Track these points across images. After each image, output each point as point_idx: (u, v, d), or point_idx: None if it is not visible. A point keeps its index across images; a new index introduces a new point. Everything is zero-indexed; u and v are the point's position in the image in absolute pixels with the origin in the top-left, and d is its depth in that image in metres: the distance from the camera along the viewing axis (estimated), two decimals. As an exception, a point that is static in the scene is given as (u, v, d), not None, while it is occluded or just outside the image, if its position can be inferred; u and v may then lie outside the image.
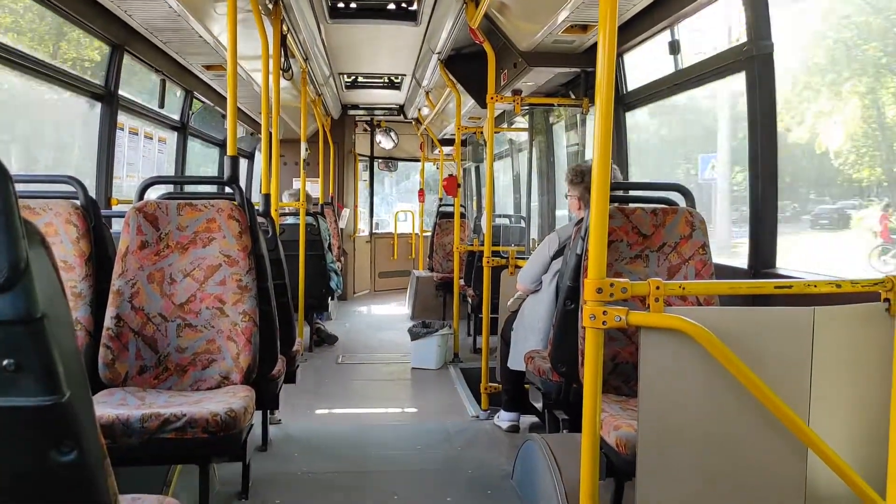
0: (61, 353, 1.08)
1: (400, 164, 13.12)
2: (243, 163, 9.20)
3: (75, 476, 1.15)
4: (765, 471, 1.97)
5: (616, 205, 3.09)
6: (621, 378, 2.94)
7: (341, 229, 10.49)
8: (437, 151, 11.49)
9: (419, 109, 10.23)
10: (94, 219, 3.13)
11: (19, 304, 1.03)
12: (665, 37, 4.29)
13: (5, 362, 1.05)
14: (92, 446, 1.15)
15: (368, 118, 11.82)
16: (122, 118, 4.95)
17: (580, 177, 3.75)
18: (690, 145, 5.76)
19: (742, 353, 1.86)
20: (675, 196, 3.19)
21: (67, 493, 1.19)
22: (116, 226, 4.12)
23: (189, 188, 6.77)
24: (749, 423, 1.94)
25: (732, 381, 1.86)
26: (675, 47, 4.27)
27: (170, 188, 5.47)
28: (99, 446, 1.17)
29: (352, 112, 11.28)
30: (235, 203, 3.18)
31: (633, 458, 2.07)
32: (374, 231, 12.60)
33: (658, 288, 1.92)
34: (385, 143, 12.07)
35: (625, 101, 4.82)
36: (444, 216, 9.84)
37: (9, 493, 1.17)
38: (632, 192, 3.50)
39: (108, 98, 4.64)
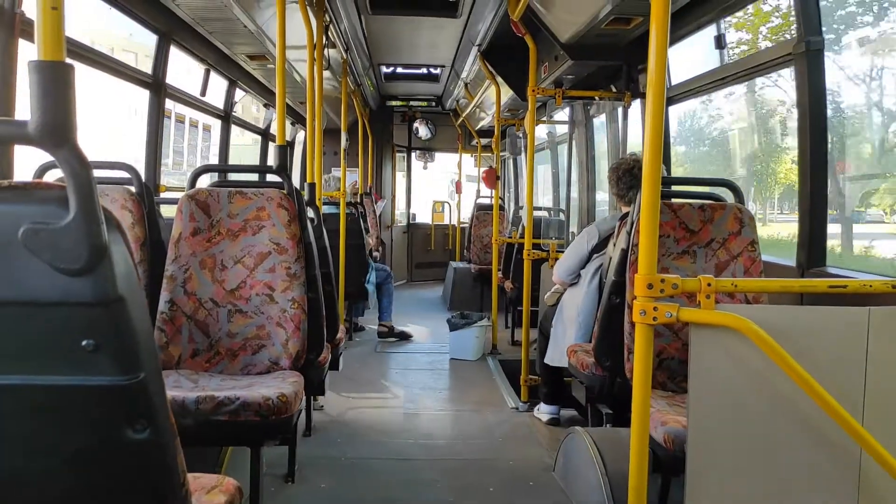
0: (138, 333, 1.12)
1: (437, 155, 13.12)
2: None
3: (148, 453, 1.19)
4: (817, 470, 1.95)
5: (663, 201, 3.06)
6: (667, 374, 2.94)
7: (379, 217, 10.53)
8: (474, 142, 11.48)
9: (457, 101, 10.22)
10: (147, 205, 3.20)
11: (100, 286, 1.07)
12: (711, 31, 4.25)
13: (84, 342, 1.09)
14: (164, 425, 1.18)
15: (406, 109, 11.85)
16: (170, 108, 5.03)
17: (615, 174, 3.75)
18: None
19: (795, 352, 1.84)
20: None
21: (140, 470, 1.22)
22: (164, 212, 4.20)
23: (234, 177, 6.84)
24: (801, 423, 1.93)
25: (785, 379, 1.85)
26: (720, 41, 4.22)
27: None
28: (170, 425, 1.21)
29: (390, 103, 11.32)
30: (284, 192, 3.23)
31: (680, 454, 2.07)
32: (411, 222, 12.63)
33: (709, 285, 1.92)
34: (423, 132, 12.10)
35: (668, 96, 4.77)
36: (481, 208, 9.83)
37: (84, 470, 1.21)
38: (678, 188, 3.47)
39: (156, 87, 4.72)
